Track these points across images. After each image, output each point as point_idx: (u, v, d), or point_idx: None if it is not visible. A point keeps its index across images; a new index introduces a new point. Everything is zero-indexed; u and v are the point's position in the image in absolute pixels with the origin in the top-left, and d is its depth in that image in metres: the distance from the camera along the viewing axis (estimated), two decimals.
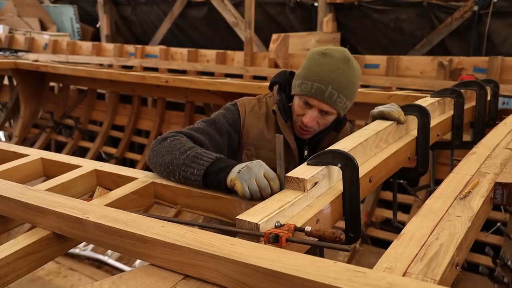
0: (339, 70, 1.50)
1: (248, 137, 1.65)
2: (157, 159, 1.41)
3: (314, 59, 1.55)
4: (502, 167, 1.41)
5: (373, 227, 4.16)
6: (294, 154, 1.65)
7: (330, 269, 0.78)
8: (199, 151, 1.34)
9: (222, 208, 1.29)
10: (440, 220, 1.06)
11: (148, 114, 5.86)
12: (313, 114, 1.55)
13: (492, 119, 2.25)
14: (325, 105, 1.53)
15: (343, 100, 1.53)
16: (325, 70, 1.50)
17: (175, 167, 1.34)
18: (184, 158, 1.33)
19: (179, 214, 4.24)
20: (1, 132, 6.93)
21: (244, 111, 1.66)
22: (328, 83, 1.49)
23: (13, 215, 1.24)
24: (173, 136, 1.46)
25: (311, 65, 1.55)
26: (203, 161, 1.30)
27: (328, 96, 1.50)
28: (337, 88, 1.50)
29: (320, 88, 1.50)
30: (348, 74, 1.52)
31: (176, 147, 1.38)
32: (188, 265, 0.91)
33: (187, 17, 7.73)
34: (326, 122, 1.60)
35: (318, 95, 1.51)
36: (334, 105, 1.52)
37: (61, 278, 4.02)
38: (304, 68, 1.57)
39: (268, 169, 1.23)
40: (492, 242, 3.39)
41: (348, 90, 1.52)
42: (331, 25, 6.03)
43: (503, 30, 5.19)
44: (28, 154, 1.69)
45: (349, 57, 1.55)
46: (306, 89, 1.52)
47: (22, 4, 8.67)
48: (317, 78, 1.50)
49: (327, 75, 1.50)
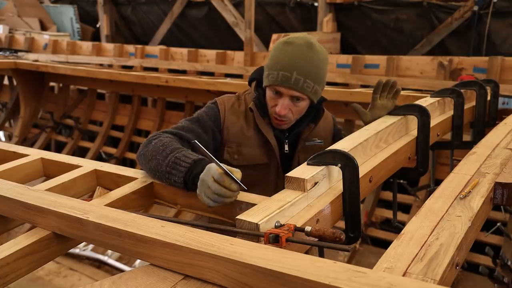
0: (302, 55, 1.52)
1: (228, 135, 1.67)
2: (145, 164, 1.43)
3: (278, 49, 1.58)
4: (502, 167, 1.41)
5: (373, 227, 4.16)
6: (274, 150, 1.67)
7: (330, 269, 0.78)
8: (178, 155, 1.34)
9: (222, 208, 1.29)
10: (440, 220, 1.06)
11: (148, 114, 5.86)
12: (284, 102, 1.56)
13: (492, 119, 2.25)
14: (293, 91, 1.54)
15: (310, 85, 1.54)
16: (289, 58, 1.53)
17: (161, 174, 1.36)
18: (166, 165, 1.34)
19: (179, 214, 4.24)
20: (1, 132, 6.93)
21: (224, 109, 1.68)
22: (292, 70, 1.51)
23: (13, 215, 1.24)
24: (158, 137, 1.47)
25: (275, 55, 1.57)
26: (181, 167, 1.31)
27: (295, 82, 1.52)
28: (302, 73, 1.52)
29: (285, 75, 1.52)
30: (312, 58, 1.54)
31: (159, 151, 1.39)
32: (188, 265, 0.91)
33: (187, 17, 7.72)
34: (300, 109, 1.61)
35: (284, 83, 1.53)
36: (302, 90, 1.54)
37: (61, 278, 4.02)
38: (270, 59, 1.60)
39: (215, 173, 1.18)
40: (492, 242, 3.39)
41: (313, 74, 1.54)
42: (331, 25, 6.03)
43: (503, 30, 5.19)
44: (28, 154, 1.69)
45: (312, 42, 1.56)
46: (273, 78, 1.55)
47: (22, 4, 8.66)
48: (281, 66, 1.53)
49: (291, 62, 1.52)
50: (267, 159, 1.67)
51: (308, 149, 1.70)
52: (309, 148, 1.70)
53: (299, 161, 1.69)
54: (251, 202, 1.22)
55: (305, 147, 1.71)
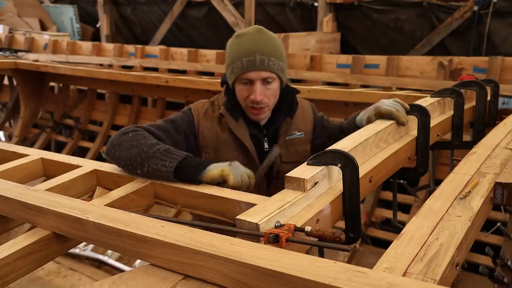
0: (258, 39, 1.57)
1: (204, 141, 1.69)
2: (120, 152, 1.45)
3: (233, 43, 1.62)
4: (502, 167, 1.41)
5: (373, 227, 4.16)
6: (250, 151, 1.67)
7: (330, 269, 0.78)
8: (169, 147, 1.43)
9: (222, 208, 1.29)
10: (440, 220, 1.06)
11: (148, 114, 5.86)
12: (257, 87, 1.58)
13: (492, 119, 2.25)
14: (261, 72, 1.56)
15: (275, 62, 1.57)
16: (247, 45, 1.57)
17: (143, 159, 1.39)
18: (154, 152, 1.40)
19: (179, 214, 4.24)
20: (1, 132, 6.93)
21: (198, 115, 1.71)
22: (254, 52, 1.54)
23: (13, 215, 1.24)
24: (134, 130, 1.51)
25: (232, 49, 1.61)
26: (175, 155, 1.39)
27: (260, 63, 1.55)
28: (264, 53, 1.55)
29: (249, 60, 1.55)
30: (267, 39, 1.59)
31: (141, 142, 1.44)
32: (188, 265, 0.91)
33: (187, 17, 7.73)
34: (273, 91, 1.62)
35: (251, 67, 1.55)
36: (269, 68, 1.56)
37: (61, 278, 4.02)
38: (228, 56, 1.63)
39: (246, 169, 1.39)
40: (492, 242, 3.39)
41: (274, 52, 1.57)
42: (331, 25, 6.03)
43: (503, 30, 5.19)
44: (28, 154, 1.69)
45: (261, 27, 1.62)
46: (238, 68, 1.57)
47: (22, 4, 8.67)
48: (243, 54, 1.56)
49: (250, 46, 1.56)
50: (246, 160, 1.67)
51: (289, 143, 1.71)
52: (290, 143, 1.71)
53: (281, 157, 1.69)
54: (251, 202, 1.22)
55: (286, 142, 1.71)
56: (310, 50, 5.52)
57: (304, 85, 4.27)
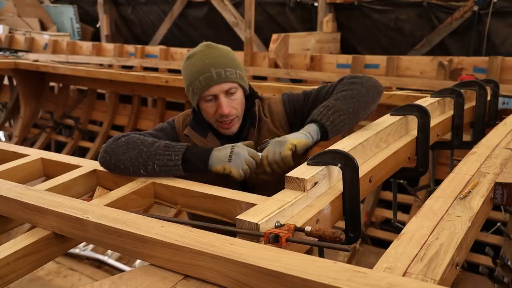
0: (209, 54, 1.57)
1: None
2: (116, 157, 1.45)
3: (186, 66, 1.62)
4: (502, 167, 1.41)
5: (373, 227, 4.16)
6: None
7: (330, 269, 0.78)
8: (167, 142, 1.46)
9: (222, 208, 1.29)
10: (440, 220, 1.06)
11: (148, 114, 5.86)
12: (222, 100, 1.56)
13: (492, 119, 2.25)
14: (222, 84, 1.55)
15: (232, 72, 1.57)
16: (199, 63, 1.56)
17: (146, 158, 1.41)
18: (155, 149, 1.43)
19: (179, 214, 4.24)
20: (1, 132, 6.93)
21: (180, 128, 1.70)
22: (209, 68, 1.54)
23: (13, 215, 1.24)
24: (126, 135, 1.53)
25: (187, 71, 1.61)
26: (177, 147, 1.43)
27: (218, 76, 1.54)
28: (219, 66, 1.55)
29: (207, 76, 1.54)
30: (218, 52, 1.59)
31: (137, 143, 1.46)
32: (188, 265, 0.91)
33: (187, 17, 7.72)
34: (239, 100, 1.61)
35: (210, 82, 1.54)
36: (228, 79, 1.55)
37: (61, 278, 4.02)
38: (185, 79, 1.63)
39: (250, 150, 1.44)
40: (492, 242, 3.39)
41: (228, 62, 1.57)
42: (331, 25, 6.03)
43: (503, 30, 5.19)
44: (28, 154, 1.69)
45: (209, 43, 1.63)
46: (198, 87, 1.56)
47: (22, 4, 8.66)
48: (199, 73, 1.55)
49: (203, 63, 1.55)
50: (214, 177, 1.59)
51: None
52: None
53: None
54: (251, 202, 1.22)
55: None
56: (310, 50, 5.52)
57: (304, 85, 4.27)
